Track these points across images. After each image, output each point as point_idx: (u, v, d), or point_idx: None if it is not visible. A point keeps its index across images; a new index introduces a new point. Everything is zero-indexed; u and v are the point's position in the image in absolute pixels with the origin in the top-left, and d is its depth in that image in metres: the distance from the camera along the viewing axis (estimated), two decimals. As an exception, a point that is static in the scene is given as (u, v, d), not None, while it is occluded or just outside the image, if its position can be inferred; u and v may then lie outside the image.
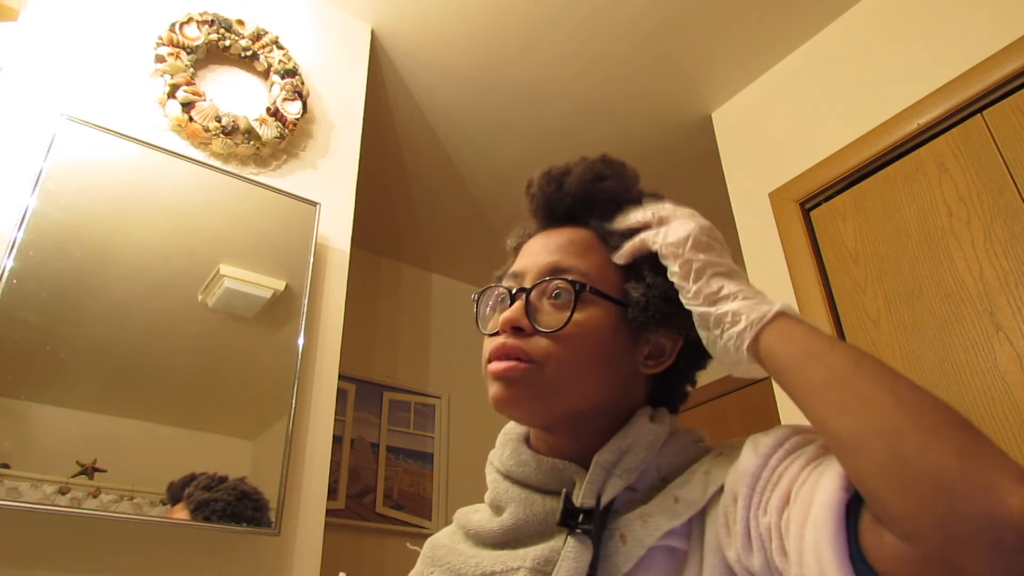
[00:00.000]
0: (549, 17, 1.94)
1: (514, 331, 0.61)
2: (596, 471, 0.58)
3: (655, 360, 0.64)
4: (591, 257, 0.64)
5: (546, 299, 0.62)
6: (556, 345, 0.59)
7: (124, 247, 1.34)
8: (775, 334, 0.52)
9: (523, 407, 0.61)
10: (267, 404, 1.41)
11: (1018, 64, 1.50)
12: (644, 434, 0.60)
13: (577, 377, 0.60)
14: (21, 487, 1.09)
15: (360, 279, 2.45)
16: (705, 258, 0.58)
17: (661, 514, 0.55)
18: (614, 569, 0.54)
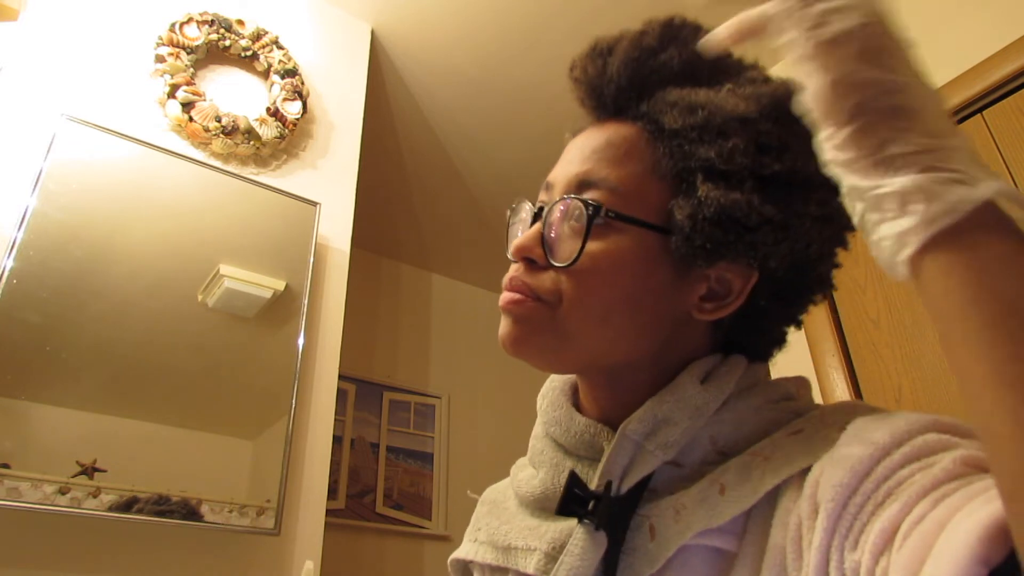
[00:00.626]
0: (549, 17, 1.94)
1: (526, 261, 0.50)
2: (622, 443, 0.46)
3: (716, 303, 0.49)
4: (629, 165, 0.50)
5: (568, 221, 0.49)
6: (569, 282, 0.48)
7: (124, 247, 1.34)
8: (961, 250, 0.29)
9: (530, 349, 0.50)
10: (267, 404, 1.41)
11: (1018, 64, 1.50)
12: (689, 399, 0.46)
13: (594, 324, 0.48)
14: (21, 487, 1.09)
15: (360, 279, 2.45)
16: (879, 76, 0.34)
17: (699, 507, 0.43)
18: (639, 567, 0.44)
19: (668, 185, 0.49)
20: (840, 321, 1.71)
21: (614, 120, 0.54)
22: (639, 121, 0.52)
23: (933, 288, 0.30)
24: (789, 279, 0.49)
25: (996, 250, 0.29)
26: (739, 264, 0.48)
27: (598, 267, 0.47)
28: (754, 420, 0.47)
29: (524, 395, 3.29)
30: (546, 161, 0.73)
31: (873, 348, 1.62)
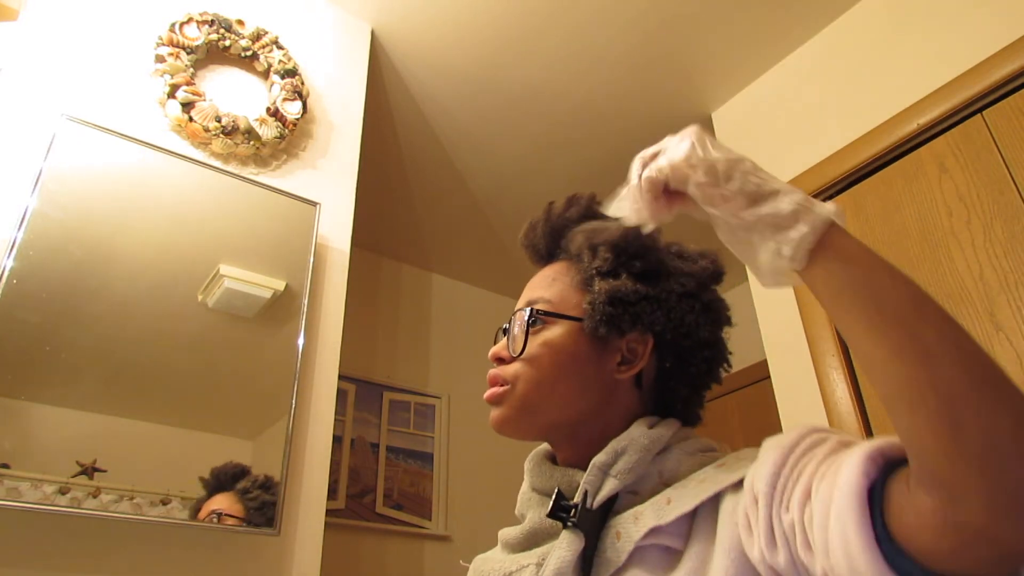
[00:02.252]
0: (549, 17, 1.94)
1: (498, 361, 0.71)
2: (592, 471, 0.63)
3: (628, 365, 0.69)
4: (557, 284, 0.72)
5: (518, 327, 0.70)
6: (524, 366, 0.68)
7: (124, 247, 1.34)
8: (832, 249, 0.46)
9: (508, 424, 0.69)
10: (267, 404, 1.41)
11: (1018, 64, 1.50)
12: (640, 437, 0.64)
13: (546, 391, 0.67)
14: (21, 487, 1.09)
15: (360, 279, 2.45)
16: (723, 156, 0.50)
17: (651, 512, 0.58)
18: (608, 564, 0.58)
19: (582, 291, 0.70)
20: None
21: (549, 262, 0.76)
22: (561, 256, 0.75)
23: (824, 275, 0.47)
24: (680, 343, 0.69)
25: (851, 245, 0.47)
26: (637, 334, 0.68)
27: (540, 352, 0.68)
28: (689, 461, 0.63)
29: (524, 395, 3.23)
30: (546, 161, 0.75)
31: (873, 348, 1.62)
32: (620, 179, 0.57)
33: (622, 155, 0.70)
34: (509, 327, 0.72)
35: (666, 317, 0.67)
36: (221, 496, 1.26)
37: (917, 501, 0.40)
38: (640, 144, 0.57)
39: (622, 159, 0.70)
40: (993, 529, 0.37)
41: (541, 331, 0.69)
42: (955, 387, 0.39)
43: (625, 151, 0.72)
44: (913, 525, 0.40)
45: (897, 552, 0.41)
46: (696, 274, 0.71)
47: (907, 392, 0.41)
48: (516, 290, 0.77)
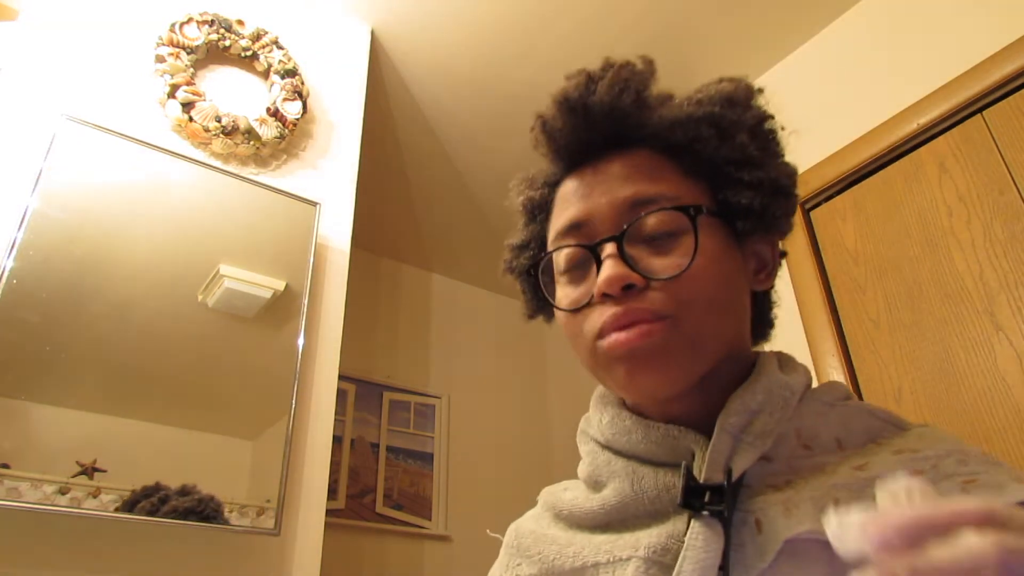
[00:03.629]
0: (549, 17, 1.94)
1: (624, 291, 0.48)
2: (721, 438, 0.46)
3: (764, 272, 0.55)
4: (668, 177, 0.52)
5: (640, 245, 0.50)
6: (684, 290, 0.47)
7: (124, 247, 1.34)
8: None
9: (668, 377, 0.48)
10: (267, 404, 1.41)
11: (1018, 64, 1.50)
12: (777, 388, 0.48)
13: (719, 318, 0.49)
14: (21, 487, 1.09)
15: (360, 279, 2.45)
16: None
17: (811, 510, 0.43)
18: (747, 563, 0.43)
19: (704, 184, 0.53)
20: (840, 321, 1.71)
21: (615, 153, 0.55)
22: (643, 145, 0.55)
23: None
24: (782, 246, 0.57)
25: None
26: (771, 235, 0.54)
27: (706, 265, 0.49)
28: (837, 420, 0.49)
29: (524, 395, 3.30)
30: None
31: (873, 348, 1.62)
32: None
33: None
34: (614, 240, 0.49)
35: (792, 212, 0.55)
36: None
37: None
38: None
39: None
40: None
41: (686, 239, 0.49)
42: None
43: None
44: None
45: None
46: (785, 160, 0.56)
47: None
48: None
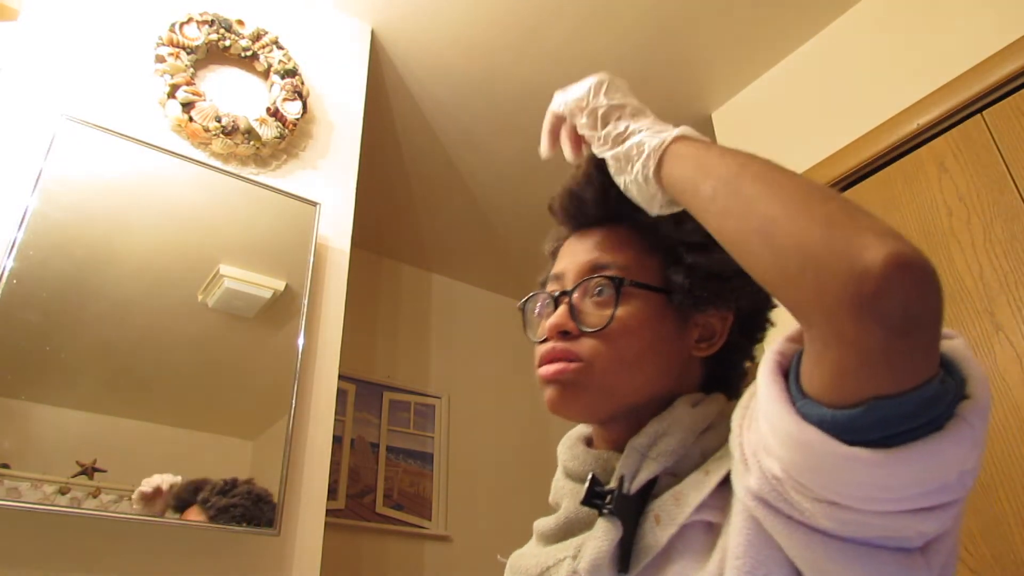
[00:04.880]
0: (549, 17, 1.94)
1: (561, 335, 0.61)
2: (629, 454, 0.58)
3: (707, 342, 0.63)
4: (627, 250, 0.64)
5: (589, 298, 0.62)
6: (603, 343, 0.60)
7: (124, 247, 1.34)
8: (673, 157, 0.52)
9: (576, 406, 0.61)
10: (267, 404, 1.41)
11: (1018, 64, 1.50)
12: (682, 417, 0.59)
13: (627, 372, 0.60)
14: (21, 487, 1.10)
15: (360, 279, 2.45)
16: (608, 102, 0.59)
17: (692, 489, 0.54)
18: (648, 550, 0.53)
19: (659, 260, 0.63)
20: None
21: (597, 226, 0.67)
22: (618, 222, 0.66)
23: (671, 182, 0.52)
24: (750, 316, 0.65)
25: (691, 148, 0.52)
26: (721, 310, 0.63)
27: (626, 326, 0.60)
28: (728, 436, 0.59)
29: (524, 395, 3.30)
30: (546, 161, 0.74)
31: (873, 348, 1.62)
32: None
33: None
34: (567, 294, 0.63)
35: (752, 291, 0.60)
36: (191, 511, 1.25)
37: (806, 347, 0.42)
38: None
39: None
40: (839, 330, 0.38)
41: (623, 301, 0.61)
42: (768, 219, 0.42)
43: (625, 151, 0.72)
44: (808, 370, 0.42)
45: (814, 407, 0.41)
46: None
47: (738, 243, 0.45)
48: (516, 290, 0.73)
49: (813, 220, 0.40)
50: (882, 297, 0.36)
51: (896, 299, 0.36)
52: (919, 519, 0.40)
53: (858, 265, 0.36)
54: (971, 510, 1.37)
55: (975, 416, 0.39)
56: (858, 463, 0.39)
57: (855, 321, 0.37)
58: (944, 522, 0.41)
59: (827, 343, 0.40)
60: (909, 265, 0.36)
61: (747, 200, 0.44)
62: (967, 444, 0.38)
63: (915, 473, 0.39)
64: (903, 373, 0.38)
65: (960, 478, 0.40)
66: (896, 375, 0.38)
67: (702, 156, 0.51)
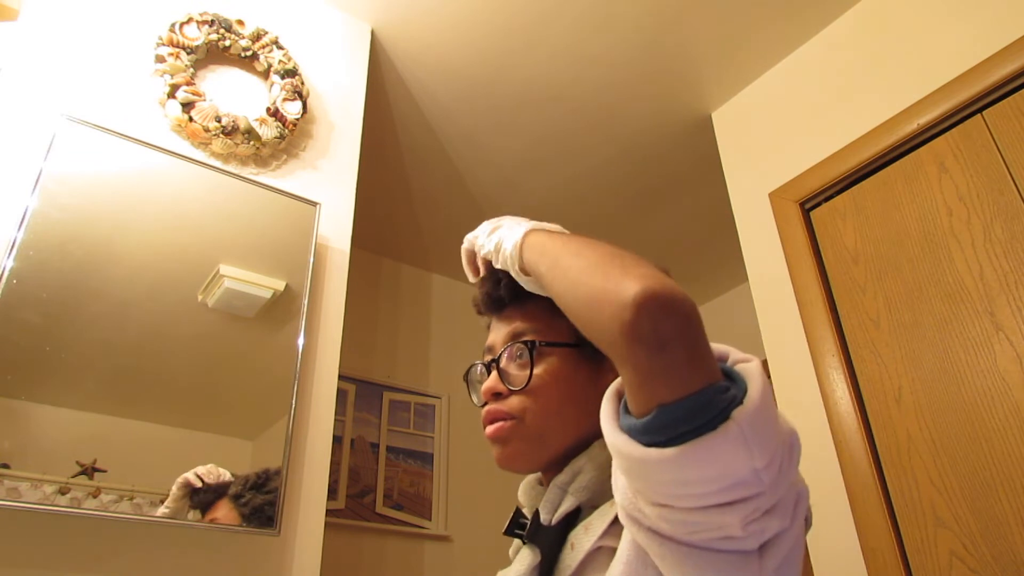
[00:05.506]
0: (549, 17, 1.94)
1: (495, 397, 0.72)
2: (551, 490, 0.67)
3: None
4: (538, 318, 0.74)
5: (513, 362, 0.73)
6: (529, 398, 0.70)
7: (124, 247, 1.34)
8: (525, 251, 0.65)
9: (519, 459, 0.70)
10: (267, 404, 1.41)
11: (1018, 64, 1.50)
12: (597, 455, 0.67)
13: (554, 419, 0.69)
14: (21, 487, 1.09)
15: (360, 279, 2.45)
16: (490, 228, 0.74)
17: (598, 519, 0.62)
18: (564, 572, 0.62)
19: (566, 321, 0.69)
20: (840, 321, 1.71)
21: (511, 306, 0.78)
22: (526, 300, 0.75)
23: (529, 270, 0.65)
24: None
25: (537, 240, 0.65)
26: None
27: (546, 380, 0.70)
28: None
29: (524, 395, 3.21)
30: (546, 161, 0.75)
31: (873, 348, 1.62)
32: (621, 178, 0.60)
33: (622, 155, 0.71)
34: (495, 362, 0.74)
35: None
36: (219, 506, 1.26)
37: None
38: (639, 144, 0.59)
39: (622, 159, 0.72)
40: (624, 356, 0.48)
41: (539, 361, 0.71)
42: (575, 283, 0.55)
43: (625, 151, 0.73)
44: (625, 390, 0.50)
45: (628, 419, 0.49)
46: None
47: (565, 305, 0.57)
48: None
49: (599, 275, 0.51)
50: (637, 322, 0.45)
51: (646, 322, 0.45)
52: (723, 513, 0.46)
53: (621, 300, 0.47)
54: (971, 510, 1.37)
55: (747, 418, 0.45)
56: (649, 461, 0.47)
57: (625, 344, 0.47)
58: (754, 519, 0.47)
59: (621, 366, 0.49)
60: (655, 296, 0.46)
61: (564, 270, 0.57)
62: (741, 442, 0.45)
63: (698, 468, 0.45)
64: (673, 383, 0.46)
65: (755, 476, 0.46)
66: (668, 384, 0.46)
67: (540, 244, 0.63)
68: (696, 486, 0.46)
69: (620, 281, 0.48)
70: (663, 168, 2.45)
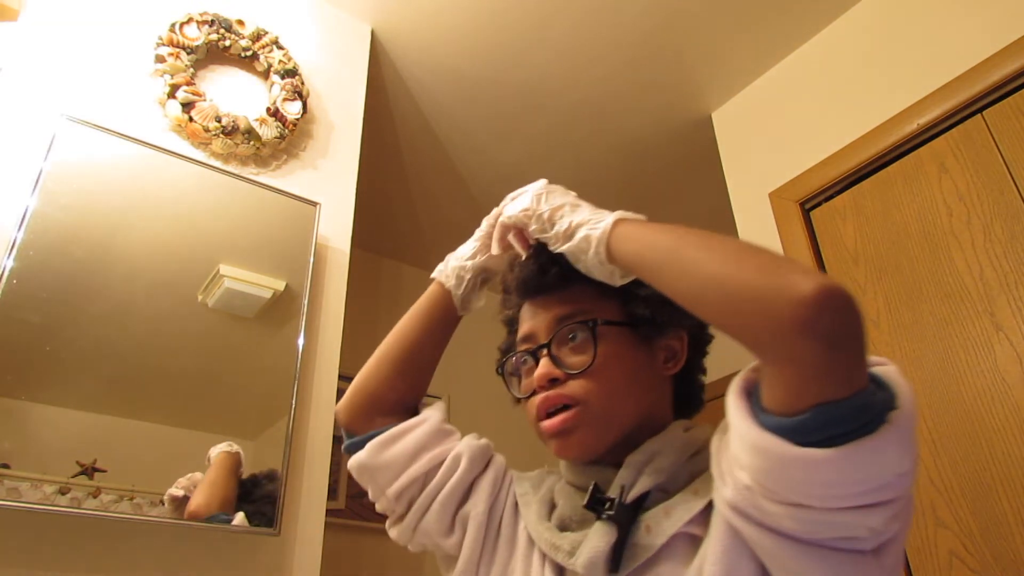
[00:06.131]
0: (549, 17, 1.94)
1: (550, 383, 0.68)
2: (626, 468, 0.65)
3: (672, 361, 0.72)
4: (585, 300, 0.71)
5: (565, 347, 0.69)
6: (591, 381, 0.66)
7: (124, 247, 1.34)
8: (618, 241, 0.62)
9: (585, 446, 0.67)
10: (267, 404, 1.41)
11: (1018, 64, 1.50)
12: (675, 440, 0.66)
13: (620, 401, 0.67)
14: (21, 487, 1.10)
15: (360, 279, 2.45)
16: (549, 207, 0.68)
17: (681, 505, 0.61)
18: (639, 554, 0.61)
19: (615, 300, 0.71)
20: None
21: (549, 291, 0.74)
22: (568, 284, 0.72)
23: (623, 259, 0.62)
24: (698, 333, 0.75)
25: (632, 230, 0.62)
26: (674, 331, 0.72)
27: (608, 361, 0.67)
28: None
29: (524, 395, 3.21)
30: (546, 161, 0.74)
31: (873, 348, 1.61)
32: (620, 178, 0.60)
33: (622, 155, 0.71)
34: (546, 347, 0.69)
35: None
36: None
37: (762, 374, 0.51)
38: (639, 144, 0.59)
39: (622, 159, 0.72)
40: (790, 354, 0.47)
41: (599, 342, 0.68)
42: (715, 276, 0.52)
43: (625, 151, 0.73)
44: (765, 391, 0.50)
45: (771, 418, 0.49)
46: None
47: (694, 298, 0.55)
48: None
49: (754, 270, 0.50)
50: (818, 318, 0.45)
51: (827, 318, 0.45)
52: (865, 515, 0.47)
53: (795, 297, 0.46)
54: (971, 510, 1.37)
55: (903, 422, 0.47)
56: (807, 461, 0.46)
57: (801, 339, 0.46)
58: (888, 521, 0.48)
59: (780, 365, 0.48)
60: (835, 294, 0.46)
61: (693, 263, 0.55)
62: (897, 445, 0.46)
63: (855, 470, 0.46)
64: (840, 381, 0.46)
65: (899, 479, 0.47)
66: (835, 383, 0.46)
67: (643, 235, 0.61)
68: (845, 487, 0.47)
69: (788, 277, 0.47)
70: (663, 168, 2.45)
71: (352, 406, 0.84)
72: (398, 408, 0.83)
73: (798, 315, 0.46)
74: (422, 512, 0.76)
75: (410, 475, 0.75)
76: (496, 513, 0.76)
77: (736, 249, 0.54)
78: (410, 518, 0.77)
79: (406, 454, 0.76)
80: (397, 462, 0.76)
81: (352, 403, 0.84)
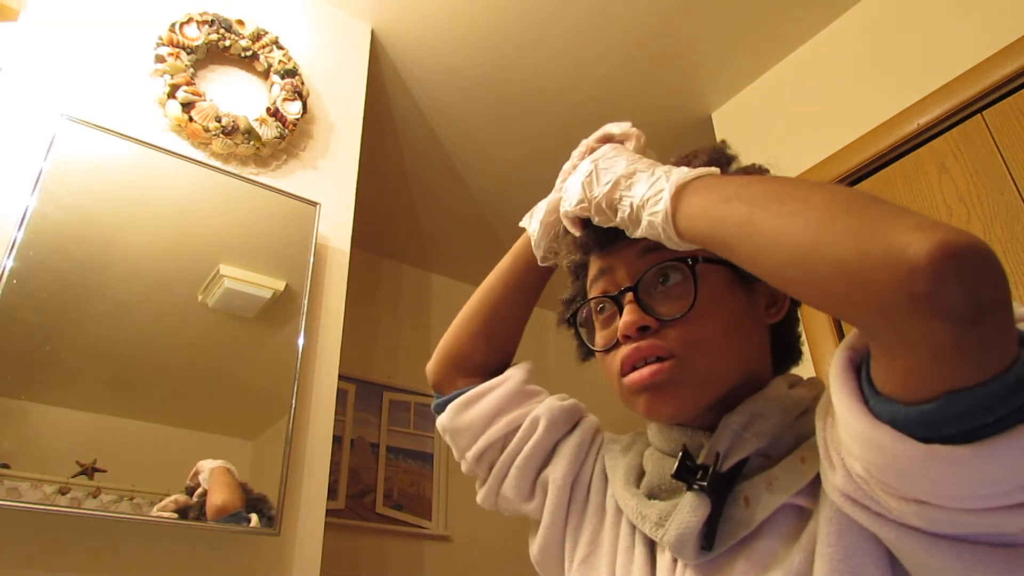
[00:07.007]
0: (549, 17, 1.94)
1: (640, 332, 0.57)
2: (722, 432, 0.56)
3: (775, 307, 0.62)
4: None
5: (654, 290, 0.59)
6: (690, 329, 0.56)
7: (124, 247, 1.34)
8: (684, 219, 0.50)
9: (680, 404, 0.57)
10: (267, 404, 1.41)
11: (1018, 64, 1.50)
12: (779, 398, 0.57)
13: (723, 353, 0.57)
14: (21, 487, 1.10)
15: (360, 279, 2.45)
16: (602, 192, 0.56)
17: (787, 476, 0.52)
18: (737, 530, 0.52)
19: None
20: (840, 322, 1.71)
21: None
22: None
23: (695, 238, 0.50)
24: None
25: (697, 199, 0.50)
26: None
27: (709, 306, 0.57)
28: None
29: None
30: (546, 161, 0.74)
31: (873, 348, 1.62)
32: None
33: (622, 155, 0.70)
34: (632, 290, 0.58)
35: None
36: None
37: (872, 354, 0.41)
38: None
39: None
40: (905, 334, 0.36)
41: (689, 286, 0.57)
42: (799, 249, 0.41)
43: (625, 151, 0.72)
44: (878, 373, 0.40)
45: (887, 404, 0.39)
46: None
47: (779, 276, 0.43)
48: None
49: (842, 236, 0.38)
50: (939, 289, 0.34)
51: (955, 288, 0.34)
52: (1011, 515, 0.37)
53: (903, 267, 0.35)
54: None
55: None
56: (936, 460, 0.37)
57: (921, 322, 0.35)
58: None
59: (895, 350, 0.38)
60: (957, 250, 0.34)
61: (771, 236, 0.43)
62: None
63: (1004, 468, 0.36)
64: (977, 364, 0.35)
65: None
66: (970, 366, 0.35)
67: (708, 208, 0.49)
68: (987, 487, 0.37)
69: (892, 239, 0.36)
70: (663, 168, 2.45)
71: (437, 365, 0.78)
72: (482, 369, 0.77)
73: (910, 289, 0.34)
74: (501, 477, 0.71)
75: (488, 438, 0.70)
76: (583, 479, 0.69)
77: (825, 205, 0.41)
78: (491, 482, 0.71)
79: (484, 416, 0.71)
80: (475, 425, 0.71)
81: (437, 362, 0.78)
